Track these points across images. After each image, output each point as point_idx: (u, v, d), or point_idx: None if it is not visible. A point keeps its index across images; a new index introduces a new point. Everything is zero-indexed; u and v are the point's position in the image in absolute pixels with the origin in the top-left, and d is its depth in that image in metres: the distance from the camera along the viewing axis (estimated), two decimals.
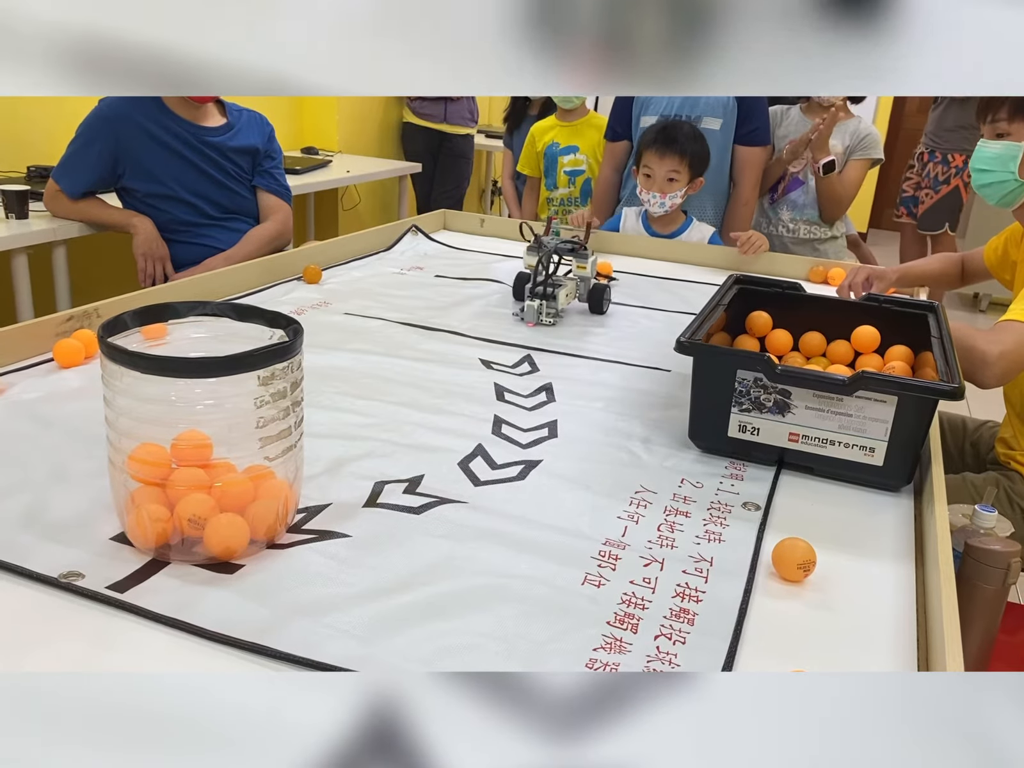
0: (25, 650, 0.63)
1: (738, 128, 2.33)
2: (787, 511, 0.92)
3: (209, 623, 0.66)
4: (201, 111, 2.12)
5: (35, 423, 0.98)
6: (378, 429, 1.03)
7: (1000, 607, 1.06)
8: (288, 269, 1.69)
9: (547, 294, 1.50)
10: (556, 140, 2.84)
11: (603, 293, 1.59)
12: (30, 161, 2.62)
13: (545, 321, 1.50)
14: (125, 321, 0.75)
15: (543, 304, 1.50)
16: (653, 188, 2.04)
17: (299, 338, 0.74)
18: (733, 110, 2.30)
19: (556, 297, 1.51)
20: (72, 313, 1.22)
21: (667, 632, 0.70)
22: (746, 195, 2.39)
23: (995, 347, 1.30)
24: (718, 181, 2.36)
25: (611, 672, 0.65)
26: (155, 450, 0.71)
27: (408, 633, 0.68)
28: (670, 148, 2.00)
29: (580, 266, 1.59)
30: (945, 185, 4.08)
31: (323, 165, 3.47)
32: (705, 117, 2.29)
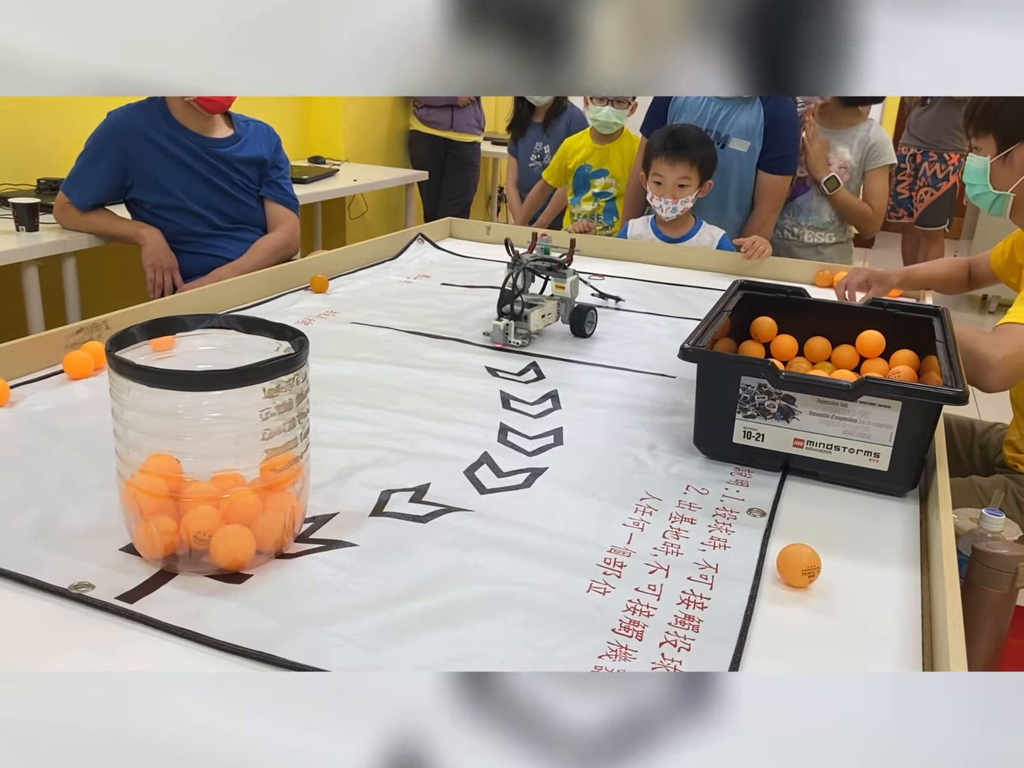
0: (37, 660, 0.64)
1: (765, 153, 2.30)
2: (792, 517, 0.92)
3: (217, 633, 0.67)
4: (209, 123, 2.14)
5: (45, 435, 0.99)
6: (385, 438, 1.04)
7: (1009, 611, 1.06)
8: (295, 279, 1.70)
9: (517, 314, 1.42)
10: (589, 162, 2.81)
11: (586, 315, 1.48)
12: (40, 174, 2.64)
13: (514, 343, 1.41)
14: (133, 334, 0.76)
15: (510, 324, 1.41)
16: (665, 195, 2.04)
17: (304, 350, 0.75)
18: (760, 133, 2.27)
19: (527, 318, 1.42)
20: (82, 325, 1.24)
21: (672, 639, 0.71)
22: (762, 218, 2.36)
23: (998, 351, 1.29)
24: (740, 203, 2.35)
25: (619, 673, 0.65)
26: (163, 462, 0.72)
27: (415, 642, 0.68)
28: (680, 155, 2.00)
29: (559, 286, 1.48)
30: (945, 182, 4.12)
31: (330, 174, 3.49)
32: (734, 138, 2.28)
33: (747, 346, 1.26)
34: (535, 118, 3.30)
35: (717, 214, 2.28)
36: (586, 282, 1.66)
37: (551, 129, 3.26)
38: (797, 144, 2.35)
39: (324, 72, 0.61)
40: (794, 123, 2.33)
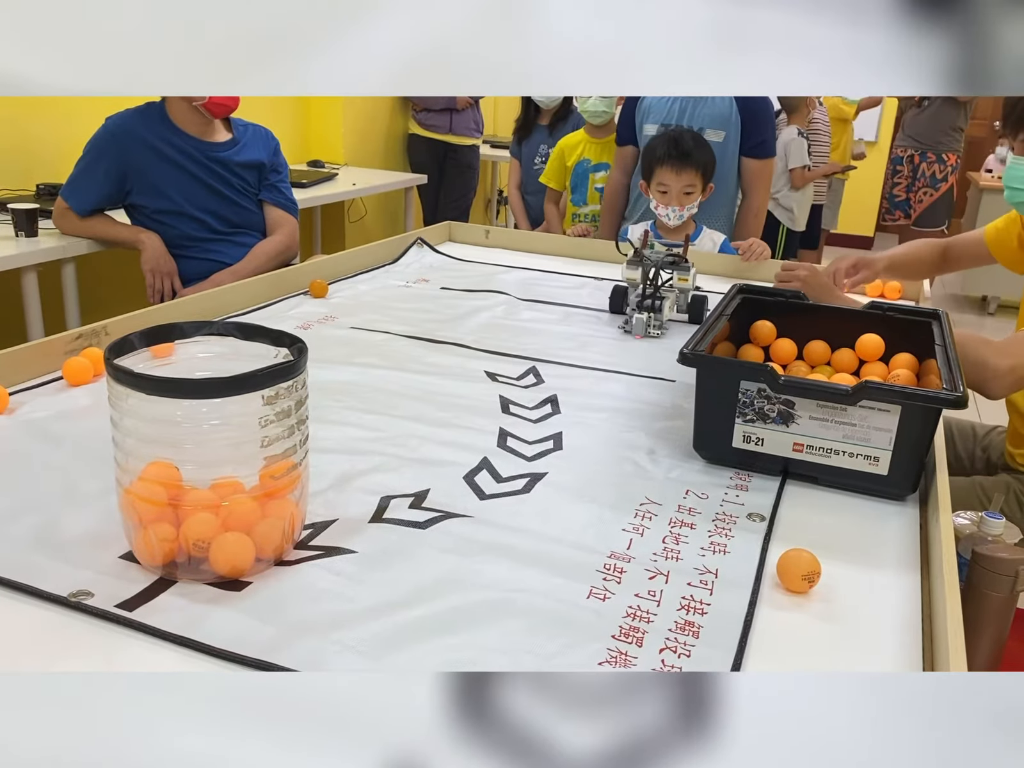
0: (35, 669, 0.64)
1: (746, 140, 2.34)
2: (792, 521, 0.92)
3: (217, 641, 0.67)
4: (208, 127, 2.14)
5: (44, 442, 0.99)
6: (384, 443, 1.04)
7: (1009, 614, 1.06)
8: (294, 284, 1.70)
9: (654, 307, 1.56)
10: (587, 157, 2.83)
11: (703, 304, 1.64)
12: (39, 179, 2.64)
13: (652, 333, 1.55)
14: (132, 342, 0.76)
15: (650, 317, 1.55)
16: (671, 203, 2.03)
17: (303, 357, 0.75)
18: (736, 123, 2.31)
19: (662, 309, 1.56)
20: (81, 331, 1.24)
21: (672, 645, 0.71)
22: (756, 206, 2.40)
23: (1006, 360, 1.29)
24: (725, 192, 2.36)
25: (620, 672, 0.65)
26: (162, 470, 0.72)
27: (414, 648, 0.68)
28: (685, 163, 1.99)
29: (682, 278, 1.63)
30: (944, 183, 4.13)
31: (329, 178, 3.50)
32: (707, 129, 2.30)
33: (746, 350, 1.26)
34: (540, 120, 3.30)
35: (703, 206, 2.27)
36: (675, 254, 1.71)
37: (556, 132, 3.26)
38: (774, 126, 2.41)
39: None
40: (766, 106, 2.39)
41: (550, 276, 1.98)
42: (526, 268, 2.03)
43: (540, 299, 1.76)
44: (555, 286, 1.88)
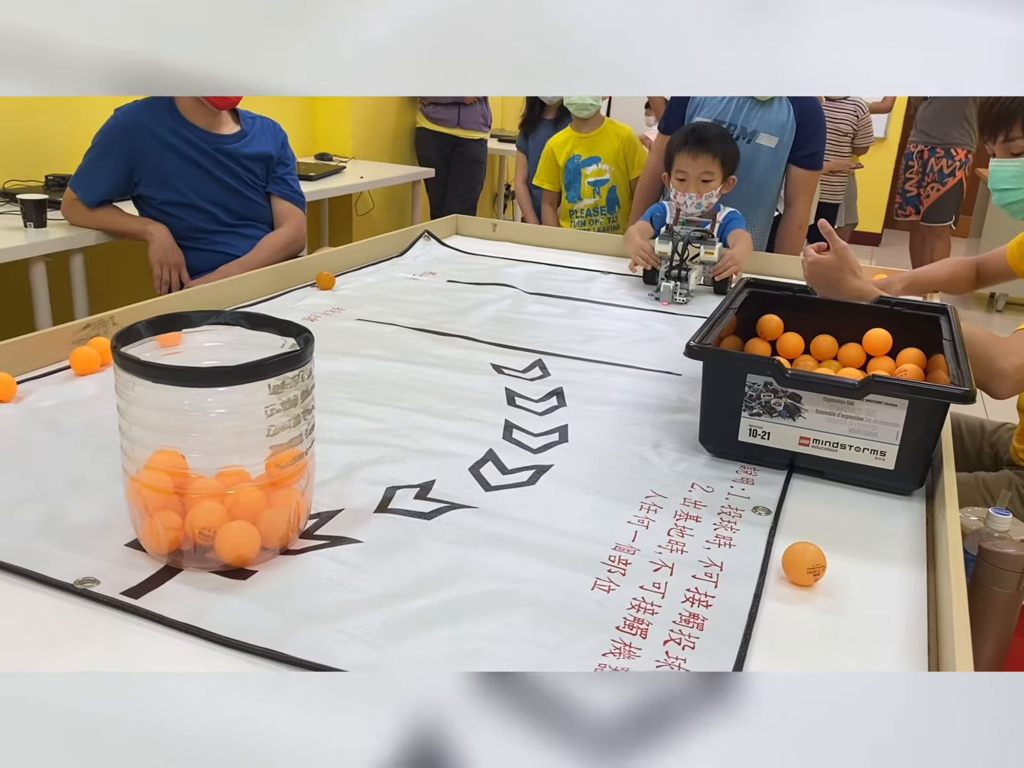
0: (42, 655, 0.64)
1: (798, 149, 2.28)
2: (797, 515, 0.92)
3: (222, 629, 0.67)
4: (216, 119, 2.14)
5: (52, 430, 1.00)
6: (390, 434, 1.04)
7: (1015, 611, 1.05)
8: (302, 275, 1.70)
9: (681, 276, 1.77)
10: (577, 152, 2.83)
11: (729, 277, 1.81)
12: (48, 170, 2.65)
13: (679, 300, 1.76)
14: (139, 331, 0.76)
15: (678, 285, 1.76)
16: (689, 189, 2.02)
17: (310, 347, 0.75)
18: (791, 130, 2.26)
19: (688, 279, 1.77)
20: (88, 321, 1.24)
21: (676, 637, 0.70)
22: (801, 218, 2.35)
23: (1013, 360, 1.28)
24: (763, 199, 2.33)
25: (626, 672, 0.65)
26: (168, 458, 0.72)
27: (419, 638, 0.68)
28: (702, 148, 1.99)
29: (708, 252, 1.83)
30: (951, 178, 4.12)
31: (337, 171, 3.49)
32: (761, 133, 2.26)
33: (753, 344, 1.26)
34: (546, 115, 3.30)
35: (743, 209, 2.25)
36: (703, 230, 1.89)
37: (562, 126, 3.25)
38: (825, 140, 2.37)
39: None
40: (823, 119, 2.34)
41: (557, 270, 1.97)
42: (533, 261, 2.03)
43: (547, 292, 1.76)
44: (562, 279, 1.88)
